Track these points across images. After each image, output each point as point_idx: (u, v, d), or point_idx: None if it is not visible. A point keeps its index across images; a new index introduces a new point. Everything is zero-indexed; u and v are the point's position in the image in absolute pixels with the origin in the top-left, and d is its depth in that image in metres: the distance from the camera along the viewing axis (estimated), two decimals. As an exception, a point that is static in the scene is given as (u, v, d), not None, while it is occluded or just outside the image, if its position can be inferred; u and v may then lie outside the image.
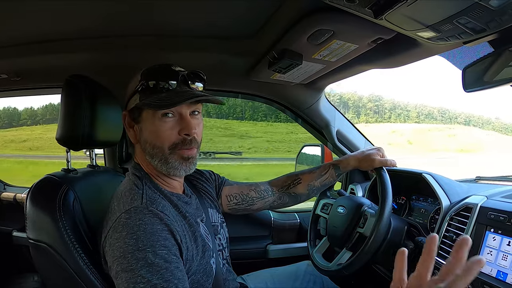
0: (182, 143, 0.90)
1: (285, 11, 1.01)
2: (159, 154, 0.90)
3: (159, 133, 0.89)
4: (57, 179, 0.99)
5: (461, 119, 77.94)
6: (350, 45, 1.07)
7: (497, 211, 1.01)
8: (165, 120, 0.88)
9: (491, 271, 0.96)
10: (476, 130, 67.71)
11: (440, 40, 0.87)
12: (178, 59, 1.32)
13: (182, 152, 0.91)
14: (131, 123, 0.95)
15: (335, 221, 1.30)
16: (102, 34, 1.25)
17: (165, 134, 0.89)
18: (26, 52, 1.33)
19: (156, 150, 0.90)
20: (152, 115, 0.88)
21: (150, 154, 0.92)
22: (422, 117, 77.60)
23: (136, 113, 0.92)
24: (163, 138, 0.89)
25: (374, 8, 0.75)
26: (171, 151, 0.90)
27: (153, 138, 0.90)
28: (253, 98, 1.82)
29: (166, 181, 0.98)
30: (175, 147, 0.90)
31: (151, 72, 0.89)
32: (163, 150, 0.90)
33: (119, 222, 0.80)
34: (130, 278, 0.73)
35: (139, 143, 0.95)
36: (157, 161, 0.91)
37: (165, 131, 0.89)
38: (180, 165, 0.91)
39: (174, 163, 0.91)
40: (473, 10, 0.68)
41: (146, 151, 0.92)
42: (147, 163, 0.96)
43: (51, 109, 37.99)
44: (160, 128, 0.88)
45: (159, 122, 0.88)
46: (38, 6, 1.03)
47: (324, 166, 1.31)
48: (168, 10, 1.08)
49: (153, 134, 0.90)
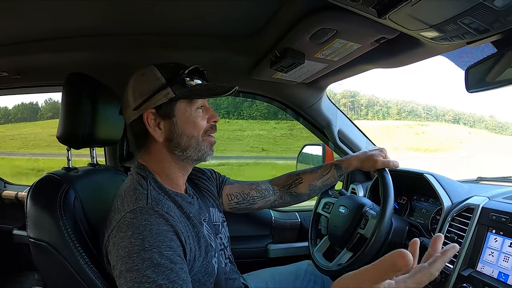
0: (211, 129, 0.99)
1: (287, 10, 1.01)
2: (194, 144, 0.96)
3: (196, 122, 0.95)
4: (57, 178, 0.99)
5: (449, 116, 73.95)
6: (353, 45, 1.06)
7: (498, 212, 1.01)
8: (199, 111, 0.96)
9: (493, 273, 0.95)
10: (460, 128, 65.40)
11: (443, 40, 0.86)
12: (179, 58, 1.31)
13: (210, 138, 1.00)
14: (158, 121, 0.93)
15: (336, 221, 1.30)
16: (102, 32, 1.25)
17: (200, 123, 0.96)
18: (27, 50, 1.33)
19: (193, 140, 0.95)
20: (188, 107, 0.95)
21: (185, 146, 0.95)
22: (405, 114, 73.19)
23: (168, 107, 0.93)
24: (199, 127, 0.96)
25: (378, 7, 0.74)
26: (203, 138, 0.97)
27: (191, 128, 0.95)
28: (254, 97, 1.82)
29: (172, 179, 0.98)
30: (205, 134, 0.98)
31: (176, 68, 0.94)
32: (198, 138, 0.96)
33: (124, 221, 0.79)
34: (135, 278, 0.72)
35: (168, 140, 0.95)
36: (192, 151, 0.96)
37: (201, 120, 0.96)
38: (209, 151, 1.00)
39: (205, 149, 0.98)
40: (477, 10, 0.67)
41: (180, 145, 0.95)
42: (160, 161, 0.96)
43: (22, 108, 38.48)
44: (197, 118, 0.96)
45: (196, 113, 0.96)
46: (38, 5, 1.02)
47: (326, 166, 1.30)
48: (169, 9, 1.08)
49: (191, 124, 0.95)
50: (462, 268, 1.02)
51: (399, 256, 0.51)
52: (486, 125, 70.99)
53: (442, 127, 62.63)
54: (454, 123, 70.41)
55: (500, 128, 71.90)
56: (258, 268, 1.47)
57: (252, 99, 1.87)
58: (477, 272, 0.99)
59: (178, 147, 0.95)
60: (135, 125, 0.95)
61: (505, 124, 74.30)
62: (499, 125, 72.99)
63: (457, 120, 72.25)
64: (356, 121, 30.95)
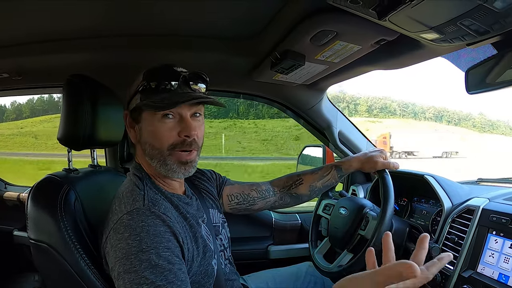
0: (181, 144, 0.89)
1: (288, 12, 1.01)
2: (158, 156, 0.90)
3: (158, 133, 0.88)
4: (58, 179, 0.99)
5: (430, 113, 68.06)
6: (353, 46, 1.06)
7: (499, 213, 1.01)
8: (165, 121, 0.88)
9: (493, 274, 0.95)
10: (434, 126, 58.48)
11: (443, 42, 0.87)
12: (179, 59, 1.32)
13: (180, 155, 0.90)
14: (132, 123, 0.95)
15: (337, 222, 1.30)
16: (102, 34, 1.25)
17: (164, 135, 0.88)
18: (28, 51, 1.33)
19: (155, 151, 0.90)
20: (152, 115, 0.88)
21: (150, 155, 0.91)
22: (376, 111, 67.16)
23: (137, 113, 0.92)
24: (162, 139, 0.88)
25: (378, 9, 0.75)
26: (170, 152, 0.89)
27: (152, 139, 0.89)
28: (255, 99, 1.82)
29: (166, 182, 0.97)
30: (174, 148, 0.89)
31: (153, 72, 0.89)
32: (161, 151, 0.89)
33: (121, 223, 0.80)
34: (133, 279, 0.72)
35: (140, 144, 0.95)
36: (156, 163, 0.91)
37: (164, 131, 0.88)
38: (178, 168, 0.91)
39: (173, 165, 0.90)
40: (477, 12, 0.67)
41: (146, 152, 0.92)
42: (147, 163, 0.95)
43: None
44: (159, 129, 0.88)
45: (159, 123, 0.88)
46: (38, 6, 1.03)
47: (326, 167, 1.30)
48: (169, 10, 1.08)
49: (152, 134, 0.89)
50: (462, 270, 1.02)
51: (406, 267, 0.53)
52: (473, 123, 66.77)
53: (406, 124, 58.19)
54: (436, 121, 65.77)
55: (490, 126, 67.89)
56: (259, 269, 1.47)
57: (253, 100, 1.87)
58: (478, 274, 0.99)
59: (145, 153, 0.93)
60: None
61: (495, 123, 70.03)
62: (489, 123, 69.00)
63: (440, 117, 67.32)
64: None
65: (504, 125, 70.31)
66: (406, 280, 0.57)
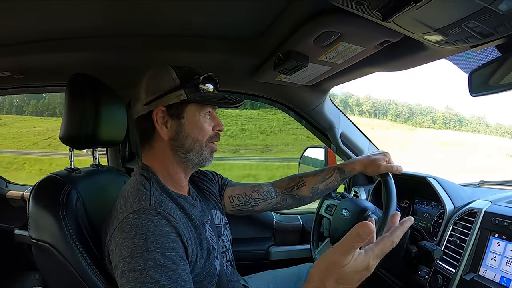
0: (215, 137, 1.01)
1: (291, 12, 1.01)
2: (197, 147, 0.98)
3: (203, 127, 0.98)
4: (60, 179, 0.99)
5: (368, 106, 57.39)
6: (356, 48, 1.06)
7: (501, 216, 1.01)
8: (207, 117, 0.99)
9: (495, 277, 0.95)
10: (372, 122, 50.40)
11: (447, 44, 0.86)
12: (182, 59, 1.32)
13: (213, 145, 1.02)
14: (164, 119, 0.96)
15: (339, 224, 1.30)
16: (105, 33, 1.25)
17: (206, 129, 0.99)
18: (30, 50, 1.33)
19: (197, 144, 0.97)
20: (198, 111, 0.97)
21: (188, 148, 0.97)
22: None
23: (179, 108, 0.95)
24: (205, 132, 0.98)
25: (383, 10, 0.74)
26: (206, 144, 0.99)
27: (197, 132, 0.97)
28: (257, 99, 1.82)
29: (176, 180, 0.99)
30: (209, 140, 1.00)
31: (191, 72, 0.97)
32: (201, 142, 0.98)
33: (126, 221, 0.80)
34: (137, 278, 0.72)
35: (173, 140, 0.96)
36: (194, 154, 0.98)
37: (207, 126, 0.99)
38: (209, 157, 1.01)
39: (206, 154, 1.00)
40: (482, 15, 0.67)
41: (184, 146, 0.97)
42: (163, 161, 0.97)
43: None
44: (204, 124, 0.98)
45: (204, 118, 0.98)
46: (40, 5, 1.03)
47: (328, 169, 1.30)
48: (171, 10, 1.08)
49: (198, 128, 0.97)
50: (464, 272, 1.02)
51: (361, 226, 0.58)
52: (433, 118, 58.03)
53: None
54: (377, 116, 55.90)
55: (457, 122, 59.23)
56: (260, 270, 1.47)
57: (255, 101, 1.87)
58: (479, 277, 0.99)
59: (181, 148, 0.96)
60: (142, 120, 0.97)
61: (465, 118, 60.87)
62: (455, 118, 59.99)
63: (383, 112, 57.47)
64: (252, 110, 25.41)
65: (478, 121, 63.43)
66: (374, 249, 0.63)
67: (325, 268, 0.64)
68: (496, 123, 67.23)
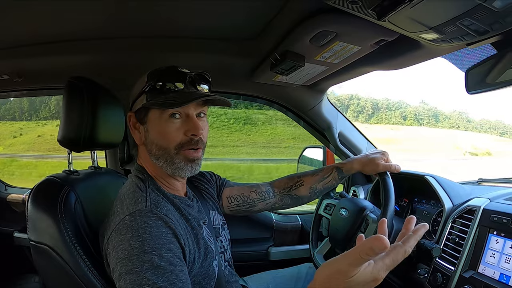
0: (188, 143, 0.91)
1: (287, 13, 1.01)
2: (165, 155, 0.91)
3: (165, 133, 0.90)
4: (58, 181, 0.99)
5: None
6: (352, 47, 1.06)
7: (500, 213, 1.01)
8: (172, 121, 0.89)
9: (494, 274, 0.95)
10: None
11: (443, 42, 0.86)
12: (179, 61, 1.32)
13: (187, 153, 0.91)
14: (136, 125, 0.95)
15: (337, 223, 1.30)
16: (102, 36, 1.26)
17: (171, 135, 0.89)
18: (28, 53, 1.33)
19: (162, 151, 0.91)
20: (159, 115, 0.89)
21: (156, 156, 0.92)
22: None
23: (143, 113, 0.92)
24: (169, 139, 0.90)
25: (377, 9, 0.75)
26: (177, 152, 0.91)
27: (160, 139, 0.90)
28: (255, 100, 1.82)
29: (170, 183, 0.98)
30: (181, 147, 0.90)
31: (159, 73, 0.90)
32: (169, 150, 0.90)
33: (123, 224, 0.80)
34: (134, 280, 0.72)
35: (144, 145, 0.95)
36: (162, 162, 0.91)
37: (172, 131, 0.89)
38: (185, 166, 0.92)
39: (180, 163, 0.91)
40: (476, 12, 0.67)
41: (152, 153, 0.93)
42: (151, 165, 0.96)
43: None
44: (167, 129, 0.89)
45: (166, 122, 0.89)
46: (39, 8, 1.03)
47: (327, 169, 1.30)
48: (169, 12, 1.08)
49: (160, 134, 0.90)
50: (463, 270, 1.02)
51: (377, 240, 0.54)
52: (403, 113, 53.74)
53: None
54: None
55: (432, 117, 55.01)
56: (259, 270, 1.47)
57: (253, 102, 1.87)
58: (479, 274, 0.99)
59: (151, 154, 0.94)
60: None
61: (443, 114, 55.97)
62: (430, 113, 55.41)
63: (343, 107, 51.07)
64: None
65: (459, 116, 60.34)
66: (385, 259, 0.60)
67: (330, 275, 0.61)
68: (481, 118, 64.12)
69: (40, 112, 27.33)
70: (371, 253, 0.55)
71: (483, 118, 65.90)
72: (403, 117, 54.97)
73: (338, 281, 0.59)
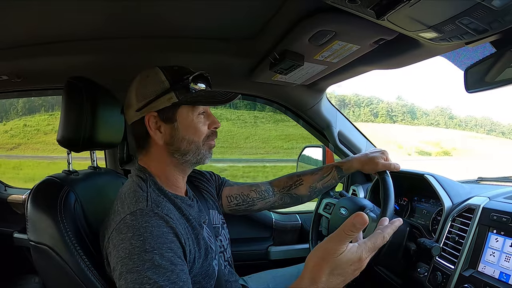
0: (212, 135, 1.01)
1: (286, 12, 1.01)
2: (194, 148, 0.97)
3: (197, 128, 0.97)
4: (58, 181, 0.99)
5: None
6: (352, 46, 1.06)
7: (499, 212, 1.01)
8: (201, 117, 0.98)
9: (494, 273, 0.95)
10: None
11: (442, 41, 0.87)
12: (179, 60, 1.32)
13: (210, 142, 1.01)
14: (157, 124, 0.94)
15: (337, 222, 1.30)
16: (101, 36, 1.25)
17: (202, 129, 0.98)
18: (27, 53, 1.33)
19: (193, 145, 0.97)
20: (190, 112, 0.96)
21: (185, 151, 0.96)
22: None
23: (170, 112, 0.93)
24: (200, 133, 0.97)
25: (376, 8, 0.74)
26: (203, 143, 0.98)
27: (192, 134, 0.96)
28: (255, 99, 1.82)
29: (173, 180, 0.99)
30: (206, 139, 0.99)
31: (182, 72, 0.95)
32: (198, 143, 0.97)
33: (124, 223, 0.79)
34: (135, 279, 0.72)
35: (166, 144, 0.95)
36: (190, 155, 0.97)
37: (201, 126, 0.98)
38: (208, 154, 1.01)
39: (204, 152, 0.99)
40: (475, 11, 0.67)
41: (181, 149, 0.96)
42: (161, 163, 0.97)
43: None
44: (198, 124, 0.97)
45: (197, 119, 0.97)
46: (38, 8, 1.03)
47: (326, 168, 1.30)
48: (168, 12, 1.08)
49: (192, 129, 0.96)
50: (463, 269, 1.02)
51: (357, 216, 0.61)
52: (374, 110, 51.12)
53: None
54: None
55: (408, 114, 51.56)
56: (259, 270, 1.47)
57: (252, 101, 1.87)
58: (478, 273, 0.99)
59: (177, 151, 0.96)
60: (137, 126, 0.96)
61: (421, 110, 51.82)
62: (403, 109, 51.90)
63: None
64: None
65: (440, 112, 57.94)
66: (367, 242, 0.67)
67: (319, 256, 0.66)
68: (467, 115, 62.82)
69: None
70: (354, 228, 0.62)
71: (468, 114, 64.10)
72: (374, 114, 53.63)
73: (327, 260, 0.64)
